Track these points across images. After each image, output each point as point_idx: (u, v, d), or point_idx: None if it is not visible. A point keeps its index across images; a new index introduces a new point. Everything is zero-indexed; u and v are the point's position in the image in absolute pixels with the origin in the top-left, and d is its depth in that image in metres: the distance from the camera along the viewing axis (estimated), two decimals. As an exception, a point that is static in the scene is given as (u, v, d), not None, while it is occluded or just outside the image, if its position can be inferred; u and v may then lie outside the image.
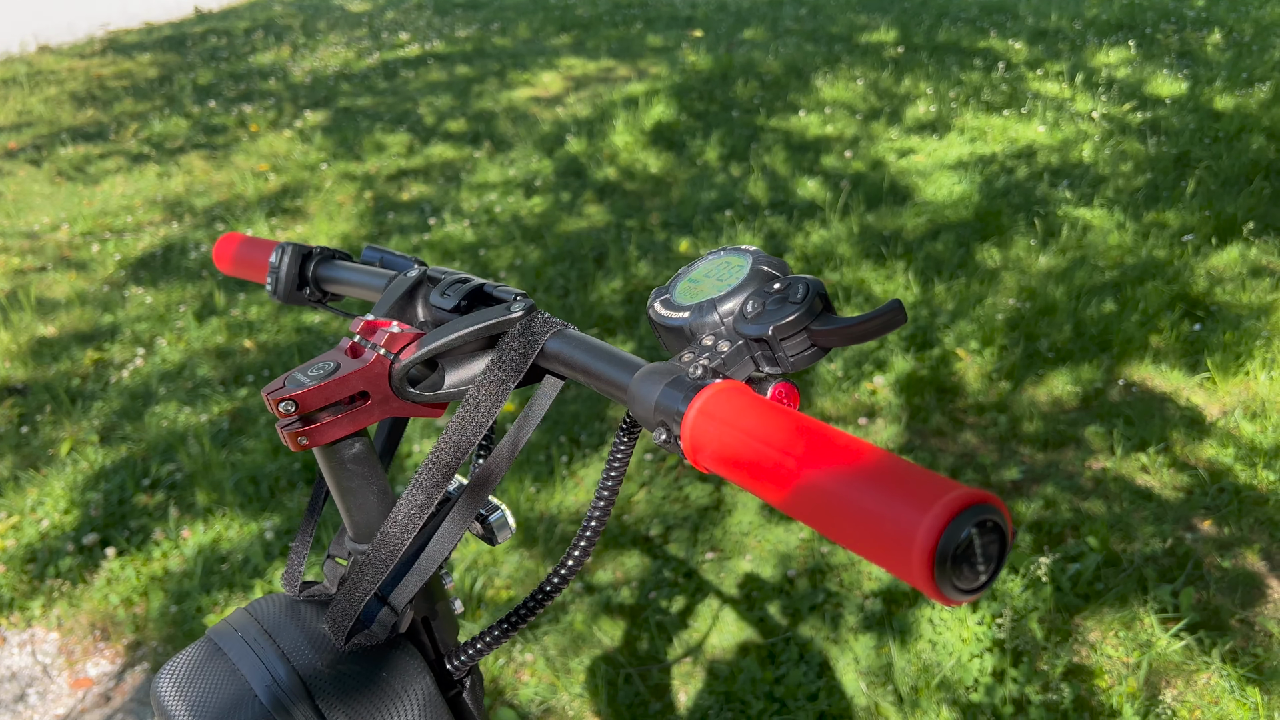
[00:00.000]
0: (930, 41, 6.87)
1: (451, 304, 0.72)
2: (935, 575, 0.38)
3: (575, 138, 5.29)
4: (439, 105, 6.08)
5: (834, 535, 0.43)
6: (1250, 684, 1.91)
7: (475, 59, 7.13)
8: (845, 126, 5.29)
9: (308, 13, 9.27)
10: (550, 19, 8.30)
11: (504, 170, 5.00)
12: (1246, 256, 3.55)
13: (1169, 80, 5.70)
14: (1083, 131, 4.97)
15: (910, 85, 5.88)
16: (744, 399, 0.50)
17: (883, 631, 2.11)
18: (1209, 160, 4.45)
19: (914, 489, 0.39)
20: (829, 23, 7.65)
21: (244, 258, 1.02)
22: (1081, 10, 7.69)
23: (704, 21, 8.02)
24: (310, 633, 0.69)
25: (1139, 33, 6.88)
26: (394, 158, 5.29)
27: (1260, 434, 2.60)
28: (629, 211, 4.42)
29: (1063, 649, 2.02)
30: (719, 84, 6.06)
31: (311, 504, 0.81)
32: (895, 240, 3.91)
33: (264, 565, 2.47)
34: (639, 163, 4.97)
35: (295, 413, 0.64)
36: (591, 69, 6.78)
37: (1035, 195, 4.26)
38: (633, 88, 6.07)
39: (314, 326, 3.62)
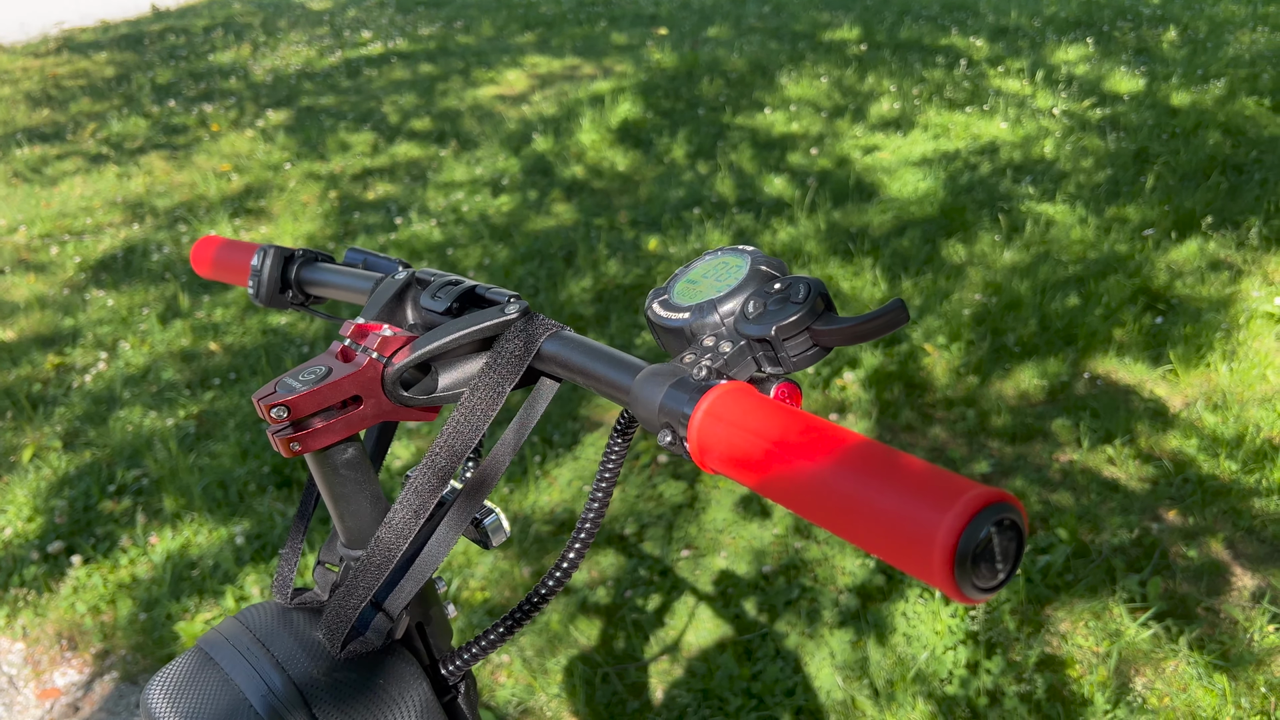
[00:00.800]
0: (893, 39, 6.92)
1: (443, 306, 0.72)
2: (955, 575, 0.38)
3: (542, 136, 5.27)
4: (403, 104, 6.04)
5: (849, 536, 0.43)
6: (1217, 670, 1.95)
7: (439, 57, 7.08)
8: (810, 124, 5.31)
9: (268, 10, 9.16)
10: (514, 17, 8.26)
11: (470, 169, 4.97)
12: (1205, 250, 3.61)
13: (1127, 77, 5.78)
14: (1044, 128, 5.03)
15: (874, 83, 5.92)
16: (751, 400, 0.50)
17: (858, 626, 2.13)
18: (1167, 156, 4.53)
19: (932, 489, 0.39)
20: (792, 20, 7.69)
21: (223, 261, 1.00)
22: (1040, 8, 7.78)
23: (668, 19, 8.03)
24: (304, 640, 0.68)
25: (1097, 30, 6.97)
26: (358, 157, 5.25)
27: (1222, 425, 2.65)
28: (597, 210, 4.42)
29: (1035, 640, 2.05)
30: (684, 82, 6.07)
31: (301, 510, 0.80)
32: (862, 237, 3.94)
33: (235, 571, 2.44)
34: (606, 161, 4.97)
35: (288, 418, 0.63)
36: (556, 67, 6.76)
37: (999, 191, 4.31)
38: (599, 86, 6.06)
39: (280, 328, 3.58)
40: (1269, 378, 2.85)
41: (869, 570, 2.26)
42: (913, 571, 0.40)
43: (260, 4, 9.59)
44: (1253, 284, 3.34)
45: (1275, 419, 2.66)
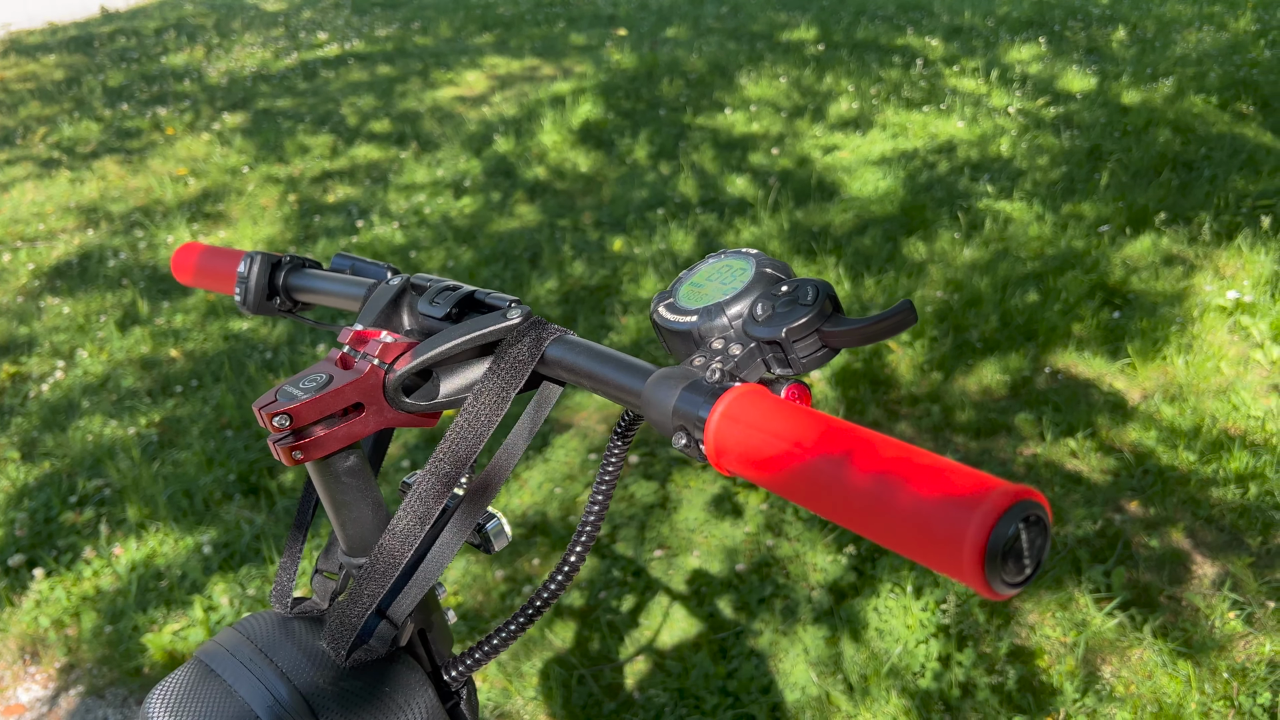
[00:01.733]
0: (850, 39, 6.98)
1: (442, 312, 0.71)
2: (986, 572, 0.39)
3: (503, 137, 5.26)
4: (362, 105, 5.99)
5: (876, 536, 0.44)
6: (1181, 657, 1.99)
7: (397, 58, 7.03)
8: (771, 124, 5.35)
9: (220, 12, 9.04)
10: (471, 17, 8.22)
11: (432, 171, 4.95)
12: (1159, 245, 3.68)
13: (1079, 76, 5.88)
14: (1000, 126, 5.11)
15: (832, 82, 5.97)
16: (768, 402, 0.51)
17: (831, 622, 2.15)
18: (1120, 153, 4.61)
19: (960, 488, 0.40)
20: (750, 21, 7.73)
21: (207, 268, 0.99)
22: (993, 8, 7.89)
23: (626, 20, 8.03)
24: (308, 649, 0.67)
25: (1048, 29, 7.08)
26: (317, 159, 5.20)
27: (1179, 417, 2.70)
28: (561, 211, 4.41)
29: (1004, 632, 2.09)
30: (645, 82, 6.08)
31: (298, 518, 0.79)
32: (824, 236, 3.97)
33: (203, 581, 2.41)
34: (568, 162, 4.96)
35: (289, 427, 0.63)
36: (516, 68, 6.74)
37: (957, 189, 4.36)
38: (559, 86, 6.05)
39: (243, 334, 3.54)
40: (1222, 370, 2.92)
41: (841, 567, 2.28)
42: (942, 569, 0.41)
43: (213, 5, 9.46)
44: (1205, 278, 3.42)
45: (1230, 410, 2.73)
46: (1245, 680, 1.93)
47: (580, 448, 2.80)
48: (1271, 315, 3.12)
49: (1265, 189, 4.07)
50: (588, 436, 2.84)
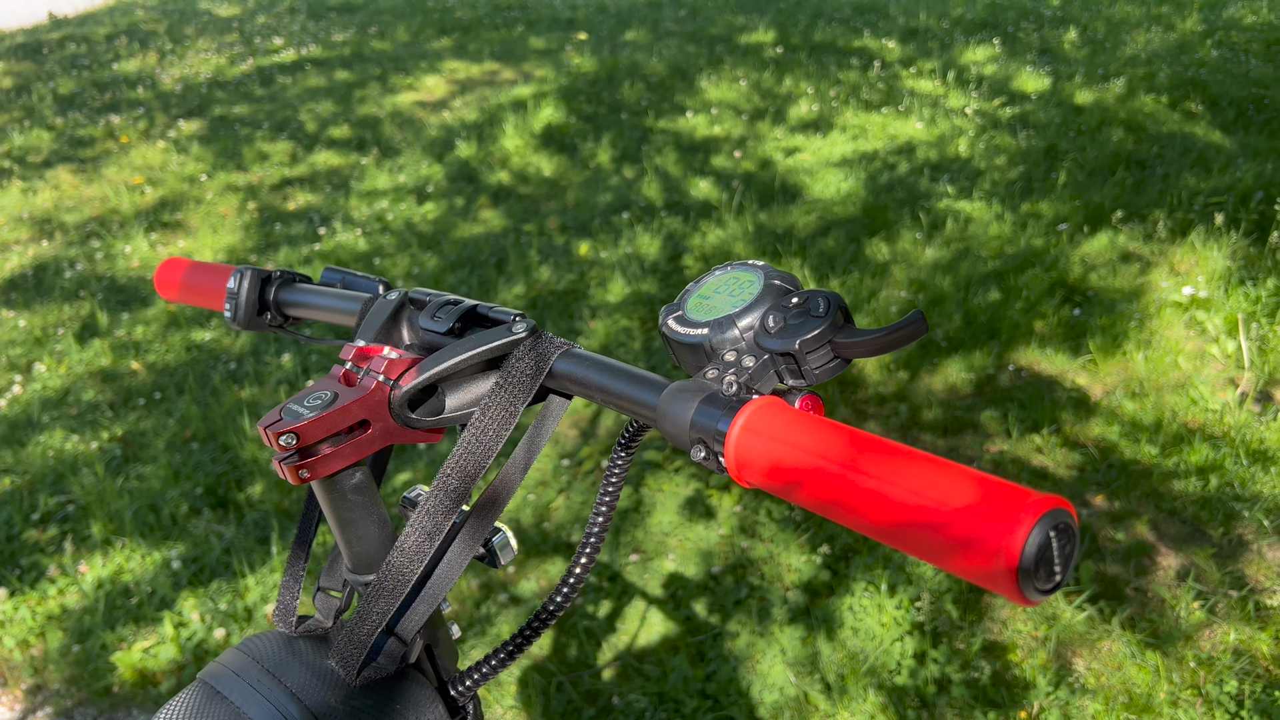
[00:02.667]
0: (807, 41, 7.04)
1: (445, 327, 0.71)
2: (1020, 582, 0.40)
3: (465, 142, 5.24)
4: (320, 111, 5.93)
5: (906, 547, 0.44)
6: (1149, 648, 2.03)
7: (354, 63, 6.97)
8: (732, 127, 5.37)
9: (172, 17, 8.91)
10: (429, 22, 8.18)
11: (393, 176, 4.91)
12: (1116, 243, 3.75)
13: (1033, 76, 5.98)
14: (957, 127, 5.17)
15: (791, 85, 6.01)
16: (789, 414, 0.51)
17: (807, 622, 2.17)
18: (1075, 152, 4.69)
19: (993, 500, 0.41)
20: (708, 24, 7.76)
21: (193, 284, 0.98)
22: (948, 9, 7.99)
23: (585, 23, 8.03)
24: (316, 669, 0.67)
25: (1002, 31, 7.19)
26: (277, 167, 5.14)
27: (1141, 411, 2.76)
28: (525, 215, 4.40)
29: (977, 628, 2.11)
30: (605, 86, 6.09)
31: (300, 536, 0.79)
32: (789, 237, 4.00)
33: (172, 596, 2.37)
34: (532, 166, 4.96)
35: (296, 445, 0.62)
36: (475, 72, 6.71)
37: (917, 190, 4.42)
38: (520, 90, 6.04)
39: (205, 344, 3.49)
40: (1180, 364, 2.98)
41: (815, 566, 2.30)
42: (976, 580, 0.41)
43: (165, 10, 9.32)
44: (1161, 275, 3.49)
45: (1189, 404, 2.78)
46: (1211, 669, 1.98)
47: (552, 453, 2.79)
48: (1225, 310, 3.20)
49: (1216, 186, 4.16)
50: (560, 442, 2.84)
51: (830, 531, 2.39)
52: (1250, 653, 2.00)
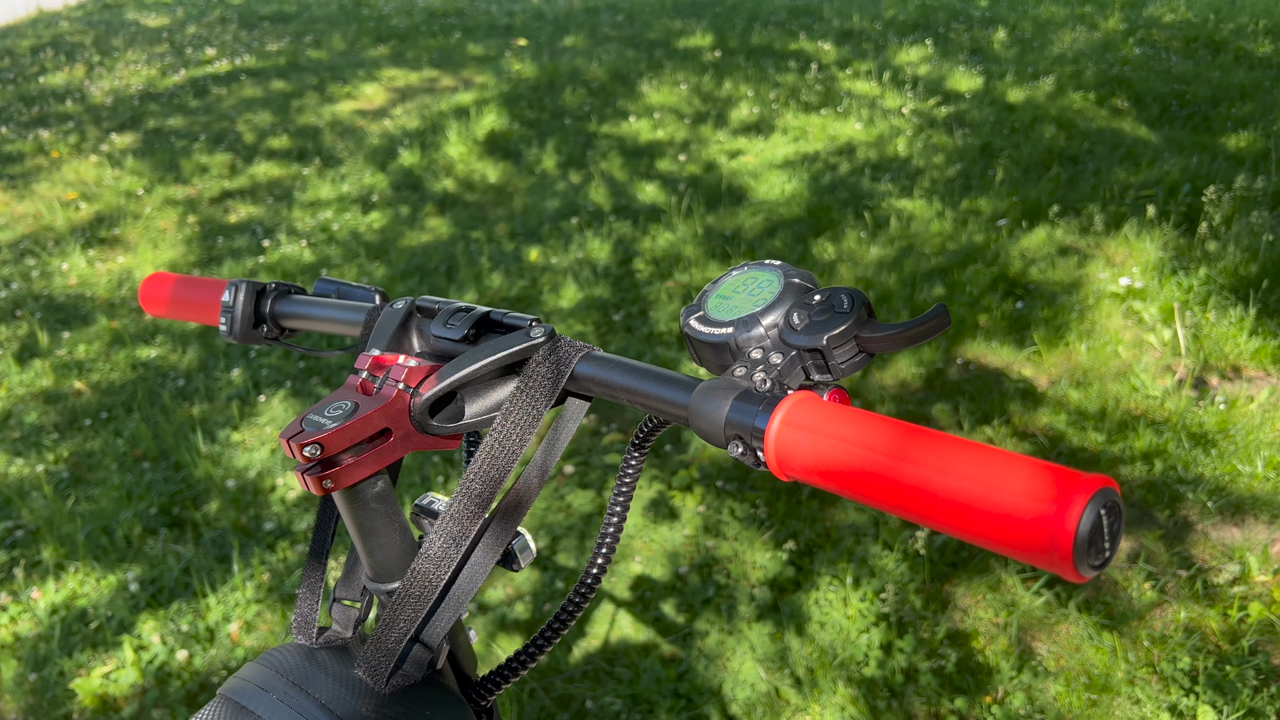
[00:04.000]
0: (745, 45, 7.11)
1: (459, 334, 0.71)
2: (1074, 560, 0.42)
3: (407, 150, 5.20)
4: (258, 122, 5.85)
5: (957, 531, 0.46)
6: (1105, 630, 2.10)
7: (290, 73, 6.88)
8: (675, 130, 5.41)
9: (99, 29, 8.70)
10: (365, 30, 8.10)
11: (336, 186, 4.86)
12: (1053, 237, 3.86)
13: (966, 76, 6.11)
14: (895, 127, 5.27)
15: (731, 88, 6.07)
16: (828, 407, 0.52)
17: (774, 618, 2.20)
18: (1010, 149, 4.81)
19: (1044, 482, 0.43)
20: (646, 29, 7.80)
21: (184, 299, 0.97)
22: (880, 11, 8.13)
23: (523, 29, 8.02)
24: (343, 679, 0.67)
25: (934, 31, 7.33)
26: (216, 179, 5.06)
27: (1086, 400, 2.84)
28: (473, 223, 4.39)
29: (941, 617, 2.16)
30: (547, 92, 6.09)
31: (316, 547, 0.78)
32: (737, 239, 4.04)
33: (131, 620, 2.33)
34: (477, 173, 4.94)
35: (320, 456, 0.63)
36: (414, 79, 6.67)
37: (860, 189, 4.49)
38: (461, 97, 6.02)
39: (151, 361, 3.43)
40: (1120, 353, 3.08)
41: (780, 563, 2.34)
42: (1028, 559, 0.43)
43: (90, 22, 9.10)
44: (1098, 267, 3.59)
45: (1130, 391, 2.87)
46: (1165, 647, 2.05)
47: (513, 461, 2.79)
48: (1161, 299, 3.31)
49: (1145, 179, 4.29)
50: (519, 449, 2.84)
51: (794, 528, 2.43)
52: (1201, 630, 2.08)
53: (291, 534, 2.57)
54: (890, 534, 2.37)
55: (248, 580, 2.41)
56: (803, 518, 2.47)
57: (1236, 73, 5.97)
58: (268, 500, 2.72)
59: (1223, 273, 3.40)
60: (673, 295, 3.61)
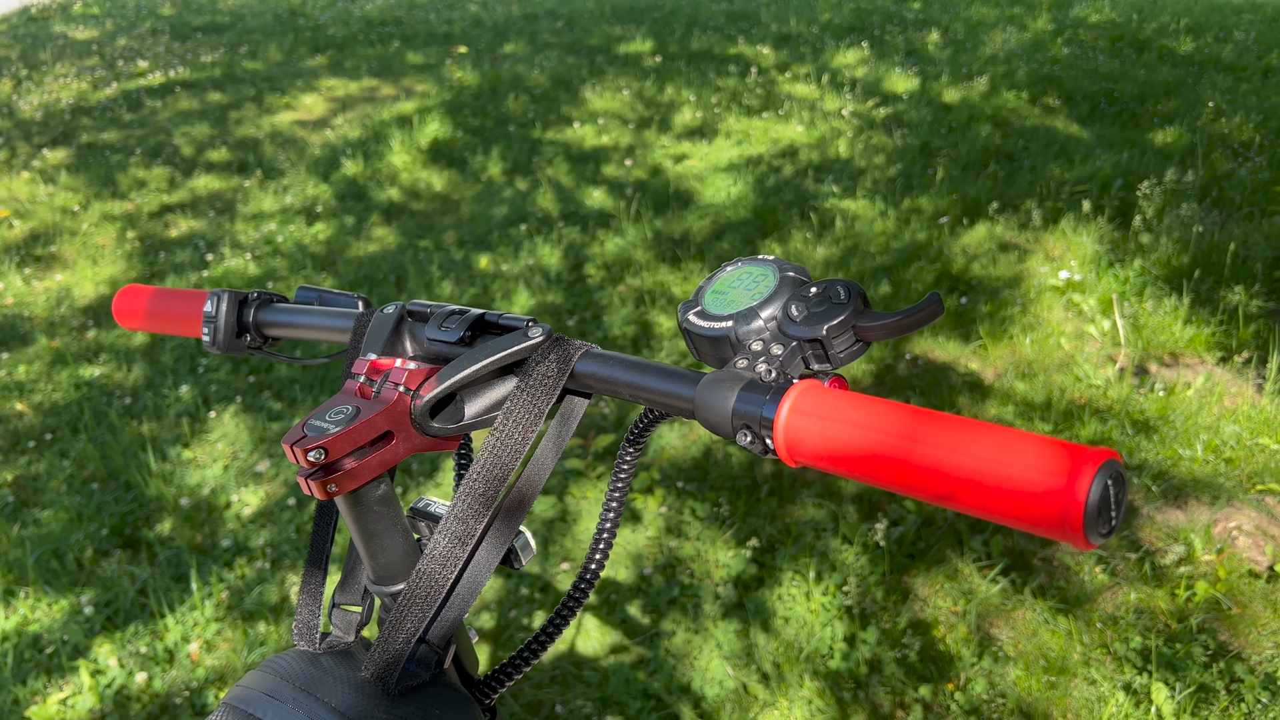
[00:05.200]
0: (685, 50, 7.16)
1: (455, 336, 0.72)
2: (1085, 529, 0.44)
3: (350, 160, 5.16)
4: (196, 135, 5.75)
5: (969, 507, 0.48)
6: (1060, 614, 2.16)
7: (227, 84, 6.78)
8: (620, 136, 5.44)
9: (25, 42, 8.49)
10: (301, 40, 8.01)
11: (279, 198, 4.80)
12: (994, 233, 3.95)
13: (902, 77, 6.22)
14: (836, 129, 5.35)
15: (673, 93, 6.12)
16: (835, 394, 0.54)
17: (739, 615, 2.22)
18: (948, 149, 4.91)
19: (1053, 457, 0.45)
20: (586, 35, 7.82)
21: (161, 311, 0.97)
22: (816, 15, 8.24)
23: (462, 37, 7.99)
24: (351, 682, 0.67)
25: (869, 34, 7.46)
26: (155, 193, 4.97)
27: (1032, 391, 2.92)
28: (420, 232, 4.37)
29: (902, 608, 2.21)
30: (489, 99, 6.08)
31: (315, 554, 0.78)
32: (686, 242, 4.07)
33: (86, 644, 2.28)
34: (422, 181, 4.91)
35: (324, 460, 0.63)
36: (354, 89, 6.61)
37: (804, 191, 4.55)
38: (403, 106, 5.98)
39: (95, 380, 3.36)
40: (1063, 345, 3.16)
41: (743, 560, 2.36)
42: (1042, 531, 0.45)
43: (15, 35, 8.87)
44: (1038, 261, 3.69)
45: (1074, 382, 2.96)
46: (1117, 628, 2.11)
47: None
48: (1099, 291, 3.40)
49: (1079, 175, 4.42)
50: (478, 457, 2.84)
51: (754, 525, 2.46)
52: (1150, 610, 2.15)
53: (249, 550, 2.54)
54: (849, 528, 2.42)
55: (206, 599, 2.38)
56: (763, 515, 2.50)
57: (1161, 70, 6.16)
58: (223, 517, 2.68)
59: (1157, 264, 3.51)
60: (625, 299, 3.62)
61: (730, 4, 9.01)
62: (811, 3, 8.89)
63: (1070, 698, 1.96)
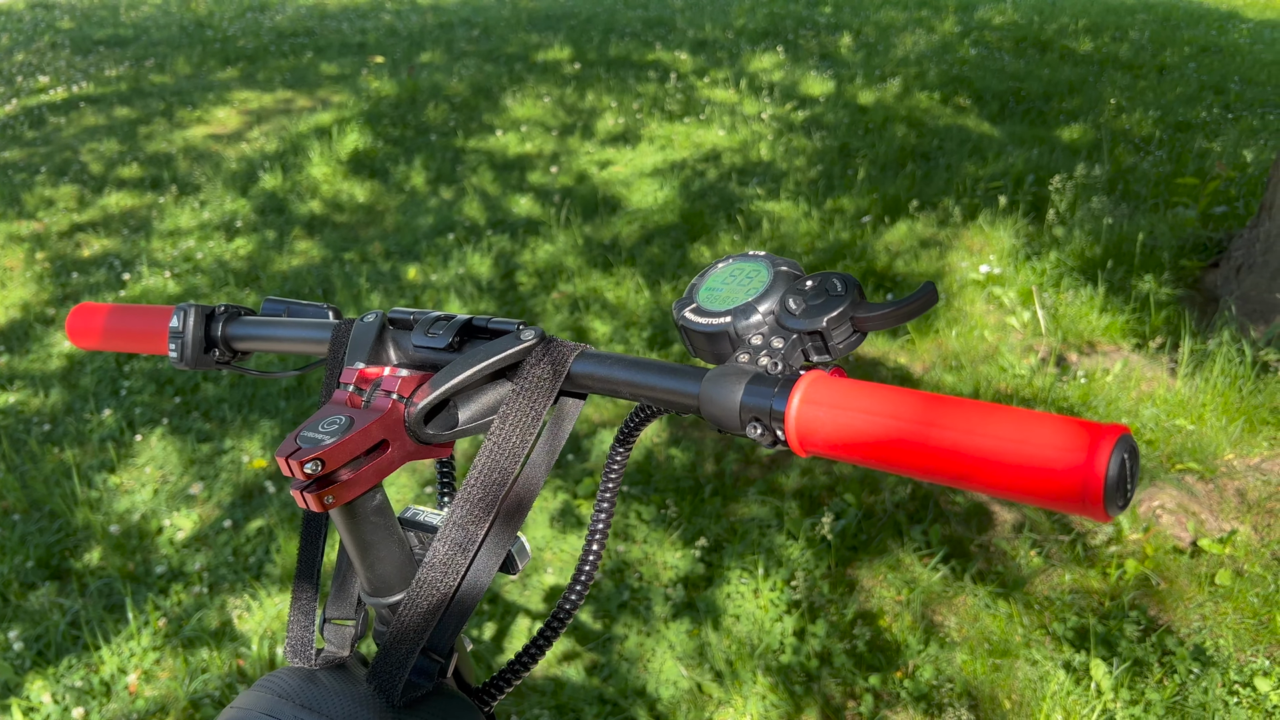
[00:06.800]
0: (603, 56, 7.19)
1: (444, 342, 0.72)
2: (1105, 503, 0.46)
3: (268, 173, 5.05)
4: (104, 151, 5.58)
5: (990, 487, 0.49)
6: (999, 598, 2.22)
7: (134, 99, 6.59)
8: (543, 143, 5.43)
9: (-88, 57, 8.13)
10: (210, 52, 7.82)
11: (197, 214, 4.69)
12: (915, 230, 4.05)
13: (818, 80, 6.34)
14: (757, 132, 5.43)
15: (594, 99, 6.13)
16: (846, 383, 0.55)
17: (690, 615, 2.24)
18: (866, 149, 5.02)
19: (1071, 435, 0.47)
20: (503, 43, 7.79)
21: (121, 329, 0.94)
22: (730, 20, 8.34)
23: (376, 47, 7.90)
24: (354, 696, 0.66)
25: (783, 39, 7.58)
26: (64, 212, 4.80)
27: (960, 382, 3.00)
28: (345, 244, 4.30)
29: (849, 599, 2.25)
30: (409, 108, 6.01)
31: (305, 569, 0.77)
32: (616, 248, 4.09)
33: (16, 681, 2.20)
34: (344, 193, 4.84)
35: (320, 472, 0.62)
36: (268, 101, 6.48)
37: (729, 194, 4.61)
38: (320, 117, 5.88)
39: (10, 408, 3.23)
40: (986, 337, 3.25)
41: (690, 560, 2.38)
42: (1062, 507, 0.47)
43: (-100, 50, 8.49)
44: (959, 256, 3.79)
45: (999, 372, 3.04)
46: (1054, 608, 2.18)
47: (393, 476, 2.76)
48: (1018, 284, 3.51)
49: (993, 172, 4.55)
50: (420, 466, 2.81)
51: (700, 525, 2.48)
52: (1084, 590, 2.23)
53: (185, 576, 2.48)
54: (793, 523, 2.45)
55: (142, 628, 2.31)
56: (708, 514, 2.52)
57: (1063, 69, 6.38)
58: (155, 543, 2.61)
59: (1071, 255, 3.64)
60: (559, 306, 3.62)
61: (646, 10, 9.06)
62: (725, 8, 9.00)
63: (1014, 679, 2.02)
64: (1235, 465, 2.58)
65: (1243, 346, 2.89)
